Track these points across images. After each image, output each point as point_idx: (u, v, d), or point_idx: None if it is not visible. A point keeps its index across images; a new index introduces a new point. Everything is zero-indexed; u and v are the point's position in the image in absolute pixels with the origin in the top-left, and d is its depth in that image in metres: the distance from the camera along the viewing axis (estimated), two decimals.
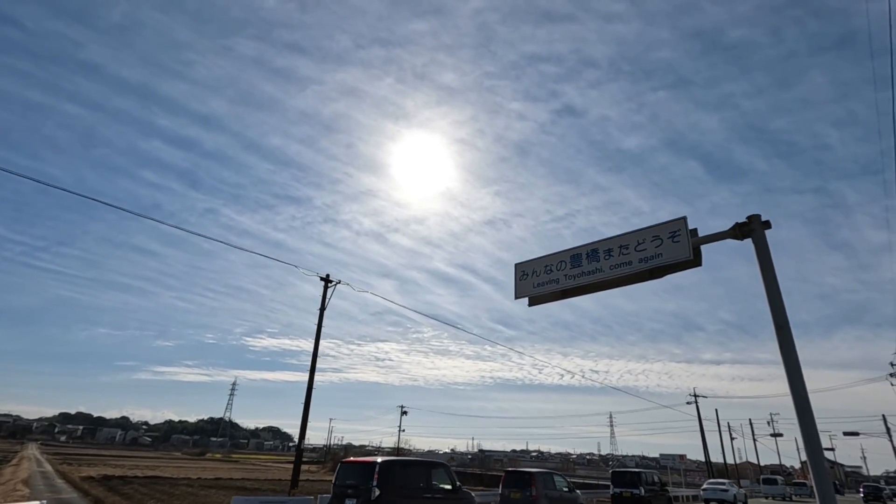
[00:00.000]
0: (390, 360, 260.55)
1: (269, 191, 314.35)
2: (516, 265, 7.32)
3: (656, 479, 25.97)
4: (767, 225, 5.35)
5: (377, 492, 9.66)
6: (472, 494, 12.81)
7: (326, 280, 17.36)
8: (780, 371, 4.70)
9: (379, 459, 10.63)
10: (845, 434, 53.57)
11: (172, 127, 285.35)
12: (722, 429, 53.00)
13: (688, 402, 47.75)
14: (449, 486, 11.77)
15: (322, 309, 16.73)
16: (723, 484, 34.07)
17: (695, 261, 5.78)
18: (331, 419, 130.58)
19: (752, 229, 5.38)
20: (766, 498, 44.63)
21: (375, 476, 9.90)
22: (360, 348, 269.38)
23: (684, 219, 5.77)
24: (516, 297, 7.14)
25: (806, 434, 4.43)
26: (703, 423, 47.76)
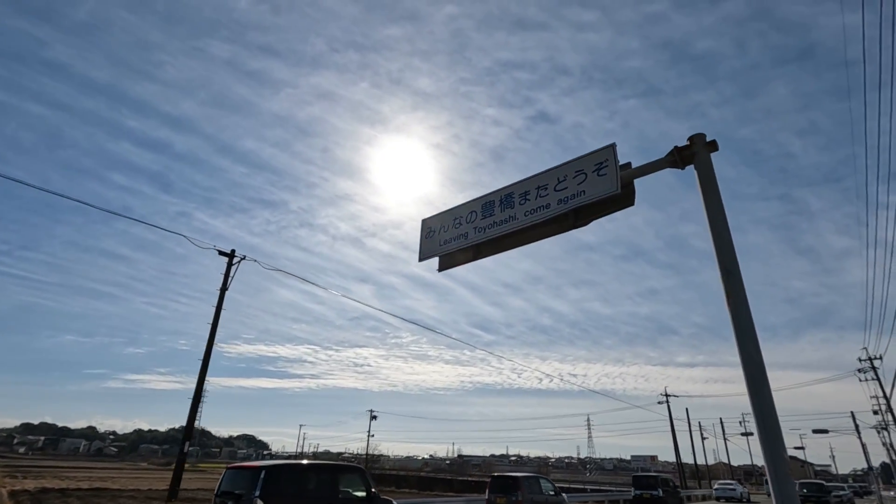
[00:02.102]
0: (369, 365, 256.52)
1: (244, 194, 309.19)
2: (423, 221, 6.00)
3: (671, 482, 29.29)
4: (713, 146, 4.15)
5: (260, 503, 8.20)
6: (394, 502, 11.29)
7: (231, 256, 15.44)
8: None
9: (267, 464, 9.17)
10: (815, 432, 53.47)
11: (142, 128, 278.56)
12: (693, 428, 52.58)
13: (659, 402, 47.16)
14: (363, 494, 10.25)
15: (223, 289, 14.86)
16: (731, 484, 39.49)
17: (625, 198, 4.56)
18: (301, 425, 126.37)
19: (694, 153, 4.17)
20: (768, 496, 46.40)
21: (259, 484, 8.42)
22: (338, 354, 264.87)
23: (612, 146, 4.54)
24: (421, 259, 5.83)
25: (760, 410, 3.21)
26: (675, 423, 47.22)
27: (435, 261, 5.95)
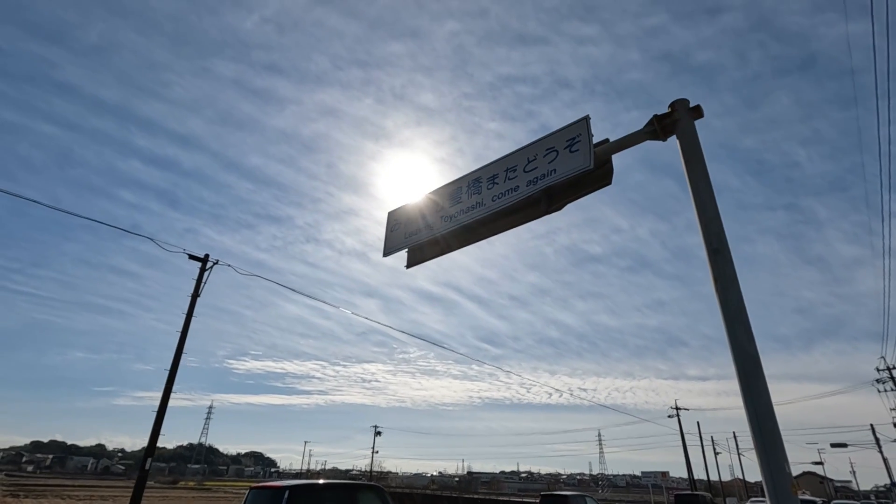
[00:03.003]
0: (377, 381, 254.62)
1: (250, 210, 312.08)
2: (389, 213, 5.53)
3: (710, 499, 31.55)
4: (698, 113, 3.67)
5: None
6: None
7: (204, 261, 14.79)
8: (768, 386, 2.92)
9: (291, 483, 9.10)
10: (833, 446, 51.66)
11: (151, 147, 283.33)
12: (705, 443, 51.03)
13: (669, 416, 45.78)
14: None
15: (195, 295, 14.28)
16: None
17: (601, 177, 4.06)
18: (306, 442, 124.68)
19: (676, 120, 3.68)
20: None
21: None
22: (346, 370, 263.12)
23: (586, 119, 4.07)
24: (385, 254, 5.34)
25: (755, 412, 2.67)
26: (688, 438, 45.86)
27: (402, 259, 5.47)
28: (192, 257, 14.54)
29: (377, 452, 64.29)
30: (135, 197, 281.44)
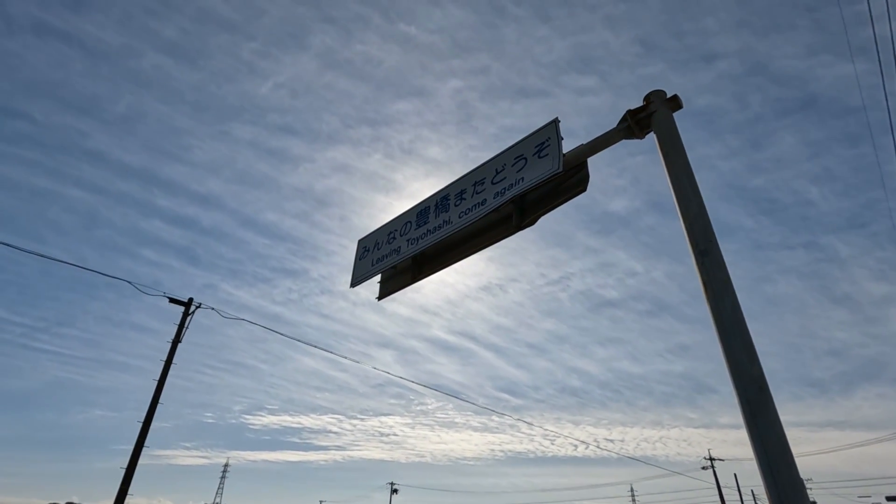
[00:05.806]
0: (395, 434, 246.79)
1: (266, 265, 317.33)
2: (359, 241, 5.12)
3: None
4: (676, 104, 3.23)
5: None
6: None
7: (187, 305, 14.48)
8: (809, 433, 2.47)
9: None
10: (889, 500, 47.49)
11: (172, 207, 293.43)
12: (745, 497, 47.20)
13: (703, 468, 42.67)
14: None
15: (176, 341, 13.92)
16: None
17: (575, 183, 3.60)
18: (321, 501, 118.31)
19: (651, 112, 3.24)
20: None
21: None
22: (363, 423, 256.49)
23: (555, 122, 3.67)
24: (353, 284, 4.88)
25: (764, 450, 2.06)
26: (726, 492, 42.56)
27: (374, 292, 5.01)
28: (172, 301, 14.29)
29: None
30: (156, 255, 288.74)
